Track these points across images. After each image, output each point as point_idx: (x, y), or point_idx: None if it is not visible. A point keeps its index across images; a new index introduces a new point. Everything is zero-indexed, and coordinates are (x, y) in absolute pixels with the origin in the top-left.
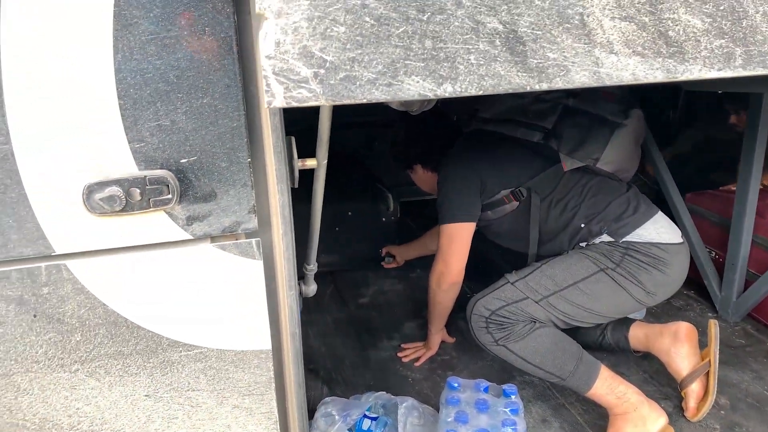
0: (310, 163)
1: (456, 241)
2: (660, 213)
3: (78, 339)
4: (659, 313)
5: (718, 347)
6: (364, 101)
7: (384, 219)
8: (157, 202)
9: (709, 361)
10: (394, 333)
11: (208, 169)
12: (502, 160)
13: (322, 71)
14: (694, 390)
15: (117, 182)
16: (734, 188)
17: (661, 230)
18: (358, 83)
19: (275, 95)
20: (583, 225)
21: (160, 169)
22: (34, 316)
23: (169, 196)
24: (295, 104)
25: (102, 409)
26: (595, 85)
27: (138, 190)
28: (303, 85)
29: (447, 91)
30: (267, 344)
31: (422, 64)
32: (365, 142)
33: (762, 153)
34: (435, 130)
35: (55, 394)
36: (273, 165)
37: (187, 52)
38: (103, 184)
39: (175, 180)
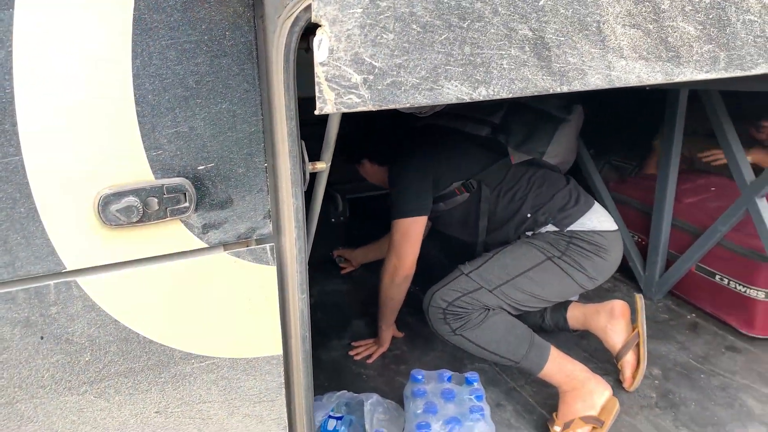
0: (320, 166)
1: (409, 236)
2: (597, 203)
3: (87, 359)
4: (591, 295)
5: (645, 320)
6: (407, 105)
7: (333, 219)
8: (174, 211)
9: (638, 332)
10: (342, 332)
11: (225, 176)
12: (452, 155)
13: (371, 77)
14: (628, 360)
15: (134, 192)
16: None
17: (600, 219)
18: (402, 88)
19: (326, 101)
20: (529, 215)
21: (177, 176)
22: (41, 338)
23: (186, 204)
24: (344, 110)
25: (110, 430)
26: (606, 87)
27: (156, 200)
28: (353, 90)
29: (482, 94)
30: (279, 349)
31: (461, 69)
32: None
33: (679, 145)
34: (385, 125)
35: (61, 419)
36: (288, 169)
37: (207, 57)
38: (119, 195)
39: (192, 188)
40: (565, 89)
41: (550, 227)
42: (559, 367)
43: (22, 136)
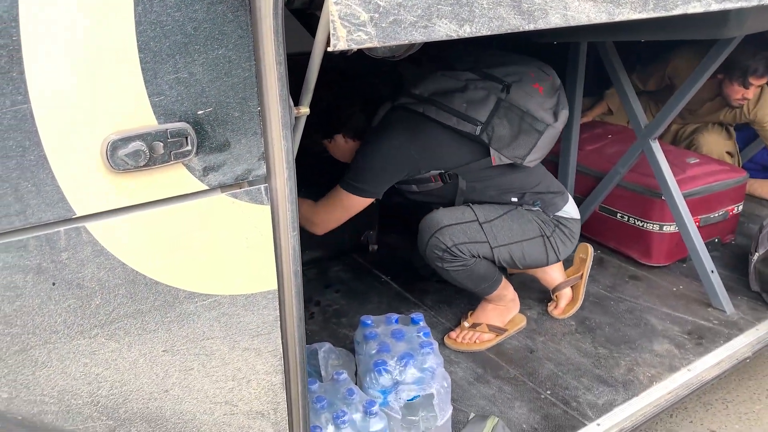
0: (303, 110)
1: (345, 211)
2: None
3: (98, 302)
4: None
5: (590, 265)
6: (406, 42)
7: None
8: (177, 154)
9: (582, 274)
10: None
11: (222, 120)
12: (433, 144)
13: (377, 15)
14: (566, 294)
15: (141, 137)
16: None
17: (574, 208)
18: (402, 26)
19: (339, 38)
20: (515, 200)
21: (179, 121)
22: (53, 284)
23: (189, 147)
24: (354, 46)
25: (121, 370)
26: (563, 25)
27: (161, 144)
28: (361, 28)
29: (466, 31)
30: (273, 285)
31: (449, 8)
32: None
33: (581, 95)
34: (365, 99)
35: (74, 363)
36: (279, 113)
37: (203, 3)
38: (127, 140)
39: (193, 132)
40: (531, 27)
41: (538, 209)
42: (498, 292)
43: (29, 83)
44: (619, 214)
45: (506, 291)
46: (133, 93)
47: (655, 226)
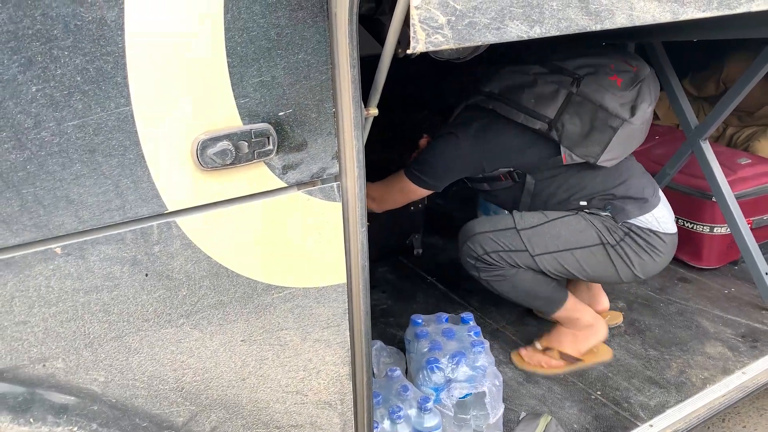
0: (373, 111)
1: (405, 196)
2: (663, 199)
3: (184, 293)
4: None
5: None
6: (480, 43)
7: (412, 207)
8: (260, 153)
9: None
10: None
11: (300, 121)
12: (502, 143)
13: (453, 18)
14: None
15: (227, 137)
16: None
17: (661, 219)
18: (477, 28)
19: (419, 41)
20: (583, 203)
21: (262, 122)
22: (146, 275)
23: (270, 147)
24: (432, 48)
25: (203, 359)
26: (629, 25)
27: (246, 143)
28: (439, 31)
29: (536, 32)
30: (343, 278)
31: (521, 11)
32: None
33: None
34: (444, 98)
35: (162, 350)
36: (351, 114)
37: (286, 10)
38: (215, 139)
39: (274, 132)
40: (598, 27)
41: (607, 214)
42: (567, 314)
43: (132, 87)
44: None
45: (579, 314)
46: (220, 95)
47: (705, 228)
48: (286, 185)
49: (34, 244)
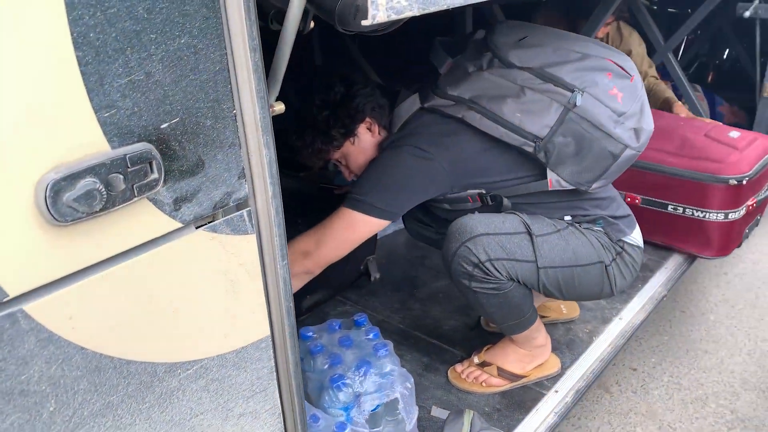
0: (278, 107)
1: (354, 234)
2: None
3: (51, 409)
4: None
5: None
6: (444, 8)
7: None
8: (142, 187)
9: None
10: None
11: (192, 131)
12: (473, 160)
13: None
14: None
15: (91, 171)
16: None
17: (639, 234)
18: None
19: (379, 7)
20: (568, 218)
21: (138, 141)
22: None
23: (155, 176)
24: (393, 16)
25: None
26: None
27: (120, 176)
28: None
29: None
30: (266, 331)
31: None
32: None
33: None
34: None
35: None
36: (257, 114)
37: None
38: (73, 178)
39: (158, 154)
40: None
41: (600, 229)
42: (529, 333)
43: None
44: (670, 206)
45: (537, 334)
46: (72, 108)
47: (719, 215)
48: (181, 225)
49: None
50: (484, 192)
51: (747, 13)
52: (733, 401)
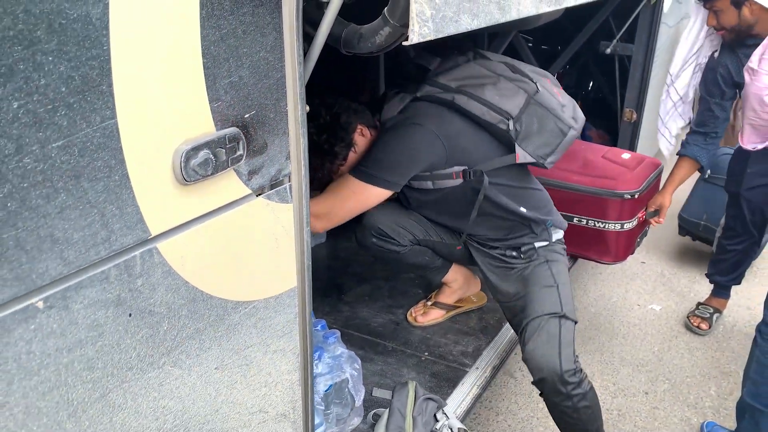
0: (307, 108)
1: (360, 204)
2: None
3: (165, 328)
4: None
5: None
6: (448, 34)
7: None
8: (234, 159)
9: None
10: None
11: (261, 121)
12: (462, 136)
13: (434, 12)
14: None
15: (207, 145)
16: None
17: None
18: (446, 20)
19: (415, 32)
20: (525, 210)
21: (232, 126)
22: (130, 315)
23: (241, 152)
24: (421, 40)
25: (183, 398)
26: (518, 17)
27: (223, 150)
28: (427, 23)
29: (474, 24)
30: (294, 282)
31: (468, 5)
32: None
33: None
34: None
35: (145, 399)
36: (297, 111)
37: (249, 6)
38: (196, 149)
39: (242, 135)
40: (505, 19)
41: (555, 232)
42: (451, 276)
43: (117, 97)
44: (575, 219)
45: (456, 276)
46: (196, 100)
47: (617, 225)
48: (250, 192)
49: (14, 301)
50: (467, 167)
51: (608, 50)
52: (614, 375)
